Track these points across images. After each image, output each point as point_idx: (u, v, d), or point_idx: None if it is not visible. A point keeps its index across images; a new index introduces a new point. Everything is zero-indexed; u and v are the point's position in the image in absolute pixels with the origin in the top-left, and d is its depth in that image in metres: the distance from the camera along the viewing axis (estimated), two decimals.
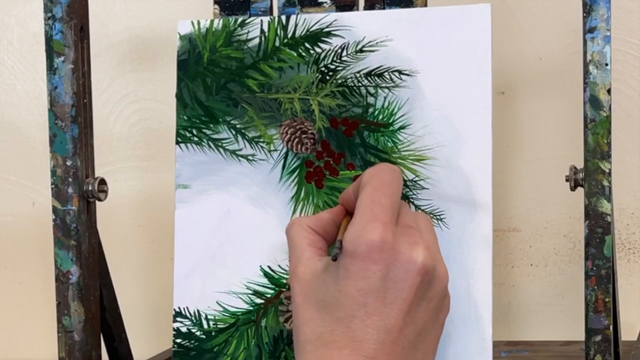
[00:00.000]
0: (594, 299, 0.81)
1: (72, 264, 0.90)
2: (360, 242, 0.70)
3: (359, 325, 0.69)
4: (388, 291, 0.70)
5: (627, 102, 1.16)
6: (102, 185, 0.91)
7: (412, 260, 0.70)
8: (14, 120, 1.31)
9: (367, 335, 0.69)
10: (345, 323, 0.70)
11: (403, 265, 0.70)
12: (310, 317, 0.71)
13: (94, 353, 0.91)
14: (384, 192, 0.72)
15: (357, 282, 0.70)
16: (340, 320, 0.70)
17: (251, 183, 0.87)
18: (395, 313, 0.70)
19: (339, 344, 0.69)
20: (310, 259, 0.74)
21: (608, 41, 0.81)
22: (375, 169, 0.75)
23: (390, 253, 0.70)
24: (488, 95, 0.82)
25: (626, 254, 1.17)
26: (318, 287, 0.72)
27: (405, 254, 0.70)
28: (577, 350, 1.08)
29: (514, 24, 1.18)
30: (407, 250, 0.70)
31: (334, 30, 0.86)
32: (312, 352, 0.70)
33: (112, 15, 1.28)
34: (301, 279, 0.73)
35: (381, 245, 0.70)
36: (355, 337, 0.69)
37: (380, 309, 0.70)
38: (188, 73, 0.89)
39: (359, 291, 0.70)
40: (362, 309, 0.70)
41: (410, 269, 0.70)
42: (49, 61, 0.91)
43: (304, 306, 0.72)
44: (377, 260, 0.70)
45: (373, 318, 0.69)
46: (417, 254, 0.70)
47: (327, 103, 0.86)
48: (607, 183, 0.81)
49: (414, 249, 0.70)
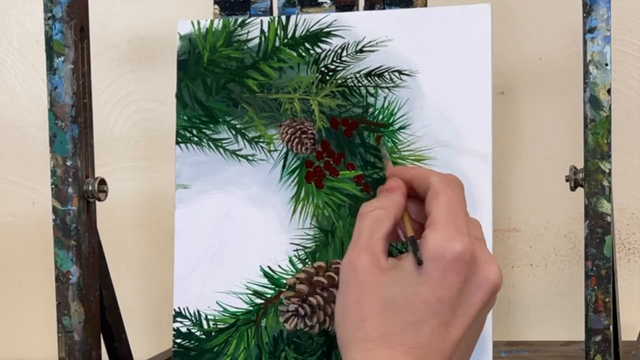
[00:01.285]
0: (594, 299, 0.81)
1: (72, 264, 0.90)
2: (447, 251, 0.69)
3: (427, 333, 0.69)
4: (461, 304, 0.70)
5: (627, 102, 1.16)
6: (102, 185, 0.91)
7: (487, 277, 0.71)
8: (14, 120, 1.31)
9: (432, 344, 0.69)
10: (415, 328, 0.69)
11: (479, 281, 0.70)
12: (374, 313, 0.70)
13: (94, 353, 0.91)
14: (460, 203, 0.73)
15: (437, 289, 0.69)
16: (410, 324, 0.69)
17: (251, 183, 0.87)
18: (461, 326, 0.70)
19: (405, 347, 0.69)
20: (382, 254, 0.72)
21: (608, 41, 0.81)
22: (446, 180, 0.74)
23: (471, 266, 0.70)
24: (488, 95, 0.82)
25: (626, 254, 1.17)
26: (386, 285, 0.70)
27: (483, 270, 0.71)
28: (577, 350, 1.08)
29: (514, 24, 1.18)
30: (484, 267, 0.71)
31: (334, 31, 0.86)
32: (373, 350, 0.69)
33: (112, 15, 1.28)
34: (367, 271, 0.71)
35: (466, 257, 0.70)
36: (421, 343, 0.69)
37: (449, 320, 0.70)
38: (188, 73, 0.89)
39: (437, 299, 0.69)
40: (435, 317, 0.69)
41: (483, 286, 0.70)
42: (49, 61, 0.91)
43: (368, 300, 0.70)
44: (460, 271, 0.70)
45: (442, 328, 0.69)
46: (493, 272, 0.71)
47: (327, 103, 0.86)
48: (607, 183, 0.81)
49: (490, 268, 0.71)
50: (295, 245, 0.85)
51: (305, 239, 0.85)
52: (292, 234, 0.85)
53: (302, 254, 0.85)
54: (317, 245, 0.85)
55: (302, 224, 0.85)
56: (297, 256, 0.85)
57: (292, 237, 0.85)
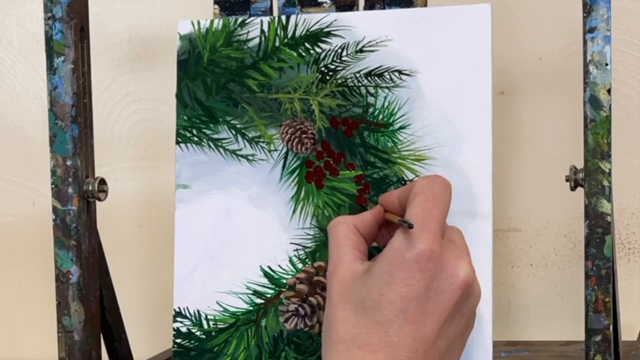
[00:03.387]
0: (594, 299, 0.81)
1: (72, 264, 0.90)
2: (409, 250, 0.71)
3: (396, 332, 0.70)
4: (429, 301, 0.71)
5: (627, 102, 1.16)
6: (102, 185, 0.91)
7: (456, 274, 0.71)
8: (14, 120, 1.31)
9: (402, 342, 0.70)
10: (383, 327, 0.70)
11: (447, 278, 0.71)
12: (346, 317, 0.72)
13: (94, 353, 0.91)
14: (436, 204, 0.73)
15: (400, 288, 0.70)
16: (377, 324, 0.70)
17: (251, 183, 0.87)
18: (433, 324, 0.71)
19: (374, 347, 0.70)
20: (353, 262, 0.74)
21: (608, 41, 0.81)
22: (428, 180, 0.75)
23: (437, 264, 0.71)
24: (488, 95, 0.82)
25: (626, 254, 1.17)
26: (358, 289, 0.72)
27: (450, 267, 0.71)
28: (577, 350, 1.08)
29: (514, 24, 1.18)
30: (452, 263, 0.71)
31: (334, 30, 0.86)
32: (343, 352, 0.70)
33: (112, 15, 1.28)
34: (341, 279, 0.73)
35: (429, 255, 0.71)
36: (391, 342, 0.70)
37: (419, 318, 0.70)
38: (188, 73, 0.89)
39: (401, 297, 0.70)
40: (402, 315, 0.70)
41: (453, 282, 0.71)
42: (49, 61, 0.91)
43: (340, 305, 0.72)
44: (424, 269, 0.71)
45: (411, 326, 0.70)
46: (462, 268, 0.71)
47: (327, 103, 0.86)
48: (607, 183, 0.81)
49: (459, 264, 0.72)
50: (296, 245, 0.85)
51: (306, 239, 0.85)
52: (292, 233, 0.85)
53: (302, 254, 0.85)
54: (317, 245, 0.85)
55: (302, 223, 0.85)
56: (297, 256, 0.85)
57: (292, 237, 0.85)
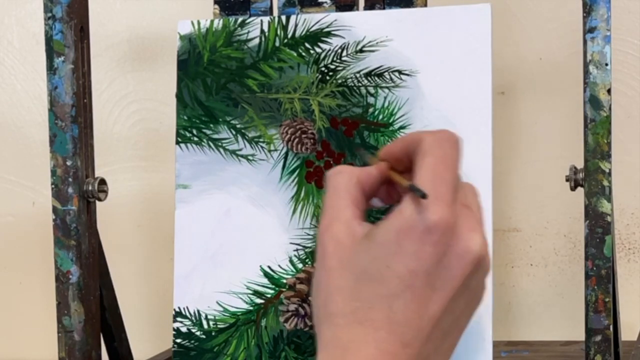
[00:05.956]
0: (594, 299, 0.81)
1: (72, 264, 0.90)
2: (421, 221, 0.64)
3: (401, 307, 0.64)
4: (439, 277, 0.65)
5: (627, 102, 1.16)
6: (102, 185, 0.91)
7: (468, 249, 0.65)
8: (14, 120, 1.31)
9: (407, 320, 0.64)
10: (387, 302, 0.64)
11: (459, 253, 0.65)
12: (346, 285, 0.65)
13: (94, 353, 0.91)
14: (447, 165, 0.66)
15: (410, 261, 0.64)
16: (381, 298, 0.64)
17: (251, 183, 0.87)
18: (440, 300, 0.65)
19: (376, 323, 0.64)
20: (352, 220, 0.66)
21: (608, 41, 0.81)
22: (436, 138, 0.67)
23: (450, 237, 0.65)
24: (488, 95, 0.82)
25: (626, 254, 1.17)
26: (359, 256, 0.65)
27: (463, 242, 0.65)
28: (577, 350, 1.08)
29: (514, 24, 1.18)
30: (465, 237, 0.65)
31: (334, 30, 0.86)
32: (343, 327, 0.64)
33: (112, 15, 1.28)
34: (337, 239, 0.66)
35: (443, 229, 0.64)
36: (395, 319, 0.64)
37: (426, 294, 0.64)
38: (188, 73, 0.89)
39: (409, 271, 0.64)
40: (409, 291, 0.64)
41: (464, 258, 0.65)
42: (49, 61, 0.91)
43: (338, 272, 0.65)
44: (437, 242, 0.64)
45: (417, 302, 0.64)
46: (475, 242, 0.65)
47: (327, 103, 0.86)
48: (607, 183, 0.81)
49: (472, 237, 0.65)
50: (296, 245, 0.85)
51: (306, 239, 0.85)
52: (292, 233, 0.85)
53: (302, 254, 0.85)
54: None
55: (302, 223, 0.85)
56: (297, 256, 0.85)
57: (292, 237, 0.85)
